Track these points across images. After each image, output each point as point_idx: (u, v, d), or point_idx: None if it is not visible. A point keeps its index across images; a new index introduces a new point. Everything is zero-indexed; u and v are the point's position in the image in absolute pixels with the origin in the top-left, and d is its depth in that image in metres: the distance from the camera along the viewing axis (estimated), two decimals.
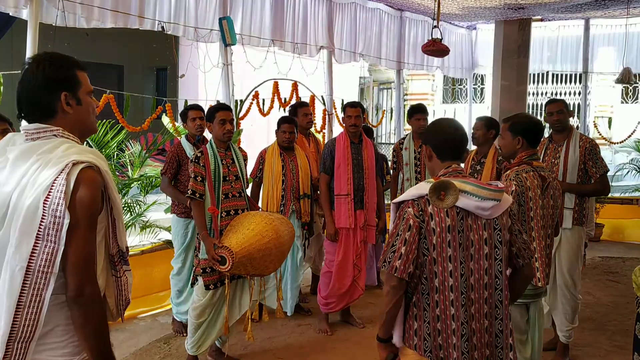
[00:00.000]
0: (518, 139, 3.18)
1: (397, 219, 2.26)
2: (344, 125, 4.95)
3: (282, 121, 5.04)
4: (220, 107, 3.95)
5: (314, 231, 5.37)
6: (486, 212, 2.21)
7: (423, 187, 2.23)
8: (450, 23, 9.79)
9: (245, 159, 4.10)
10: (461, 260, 2.21)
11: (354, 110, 4.76)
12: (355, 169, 4.75)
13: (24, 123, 1.85)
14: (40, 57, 1.84)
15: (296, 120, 5.20)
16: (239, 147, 4.18)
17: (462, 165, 2.49)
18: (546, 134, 4.41)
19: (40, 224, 1.67)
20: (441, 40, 6.72)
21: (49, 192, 1.67)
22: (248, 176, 4.28)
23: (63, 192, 1.67)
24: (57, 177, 1.67)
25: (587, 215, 4.28)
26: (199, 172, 3.77)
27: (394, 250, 2.21)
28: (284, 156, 5.00)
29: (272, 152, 5.01)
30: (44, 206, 1.67)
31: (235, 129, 5.97)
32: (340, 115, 7.63)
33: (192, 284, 4.01)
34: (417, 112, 5.59)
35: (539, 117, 14.38)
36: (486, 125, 4.47)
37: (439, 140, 2.38)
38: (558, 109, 4.29)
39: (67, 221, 1.67)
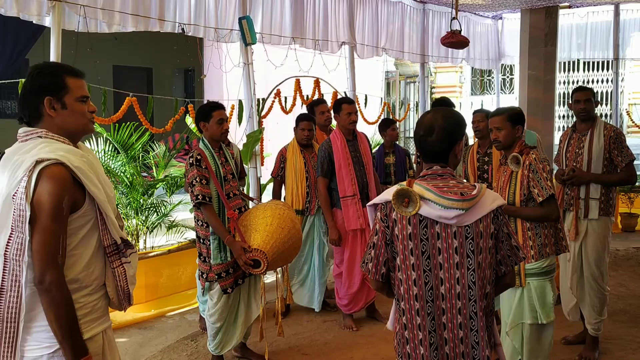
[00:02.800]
0: (518, 127, 3.30)
1: (375, 221, 2.26)
2: (340, 123, 4.76)
3: (300, 119, 5.06)
4: (216, 106, 3.82)
5: None
6: (450, 220, 2.09)
7: (388, 192, 2.17)
8: (475, 14, 9.65)
9: (235, 157, 4.06)
10: (424, 269, 2.12)
11: (352, 107, 4.71)
12: (357, 167, 4.69)
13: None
14: (32, 68, 2.03)
15: (314, 117, 5.21)
16: (227, 144, 4.15)
17: (459, 165, 2.42)
18: (563, 124, 4.34)
19: (13, 217, 1.86)
20: (460, 31, 6.62)
21: (18, 188, 1.85)
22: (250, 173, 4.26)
23: (24, 187, 1.84)
24: (24, 175, 1.85)
25: (613, 206, 4.18)
26: (203, 175, 3.63)
27: (368, 253, 2.23)
28: (305, 153, 5.02)
29: (292, 150, 5.04)
30: (12, 200, 1.86)
31: (257, 127, 6.02)
32: (364, 109, 7.64)
33: (204, 291, 3.94)
34: (442, 105, 5.52)
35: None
36: (487, 117, 4.43)
37: (415, 140, 2.29)
38: (586, 97, 4.17)
39: (27, 214, 1.84)
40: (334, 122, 5.19)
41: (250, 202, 4.23)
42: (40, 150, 1.89)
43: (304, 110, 6.19)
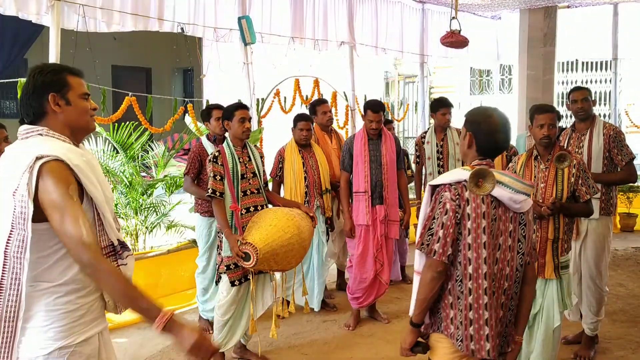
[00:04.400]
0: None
1: (433, 203, 2.29)
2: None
3: (298, 119, 5.06)
4: (239, 106, 3.99)
5: (336, 226, 5.39)
6: (517, 204, 2.25)
7: (459, 173, 2.26)
8: (473, 14, 9.65)
9: (262, 157, 4.13)
10: (492, 248, 2.24)
11: (376, 116, 4.71)
12: (373, 165, 4.72)
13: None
14: (33, 68, 2.03)
15: (313, 118, 5.20)
16: (255, 146, 4.21)
17: None
18: (562, 124, 4.35)
19: (13, 214, 1.84)
20: (460, 31, 6.62)
21: (18, 185, 1.83)
22: (267, 175, 4.30)
23: (26, 184, 1.82)
24: (25, 171, 1.83)
25: (614, 205, 4.19)
26: (217, 171, 3.80)
27: (432, 234, 2.24)
28: (303, 153, 5.03)
29: (291, 150, 5.04)
30: (13, 198, 1.83)
31: (257, 127, 6.02)
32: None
33: (217, 282, 4.04)
34: (443, 106, 5.51)
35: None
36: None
37: (485, 137, 2.34)
38: (583, 97, 4.17)
39: (30, 211, 1.82)
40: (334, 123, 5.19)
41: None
42: (40, 147, 1.89)
43: (304, 110, 6.20)
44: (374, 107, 4.76)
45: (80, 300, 1.96)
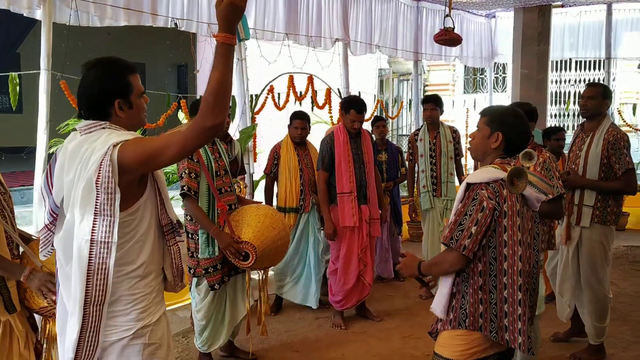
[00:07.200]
0: (531, 124, 3.38)
1: (466, 200, 2.33)
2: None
3: (294, 117, 5.03)
4: None
5: None
6: (538, 203, 2.38)
7: (493, 172, 2.32)
8: (468, 12, 9.65)
9: (240, 153, 4.04)
10: (527, 246, 2.34)
11: (360, 117, 4.63)
12: (357, 164, 4.66)
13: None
14: (97, 68, 2.07)
15: (308, 116, 5.18)
16: (227, 141, 4.14)
17: None
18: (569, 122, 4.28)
19: (96, 201, 1.89)
20: (453, 29, 6.63)
21: (99, 173, 1.88)
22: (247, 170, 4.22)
23: (110, 171, 1.89)
24: (102, 160, 1.89)
25: (614, 214, 3.93)
26: (193, 168, 3.60)
27: (463, 229, 2.28)
28: (299, 151, 5.00)
29: (286, 148, 5.01)
30: (96, 186, 1.89)
31: (250, 124, 6.00)
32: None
33: (195, 285, 3.87)
34: (426, 102, 5.57)
35: (562, 106, 14.08)
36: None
37: (518, 136, 2.43)
38: (589, 94, 3.93)
39: (118, 195, 1.90)
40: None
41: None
42: (110, 137, 1.95)
43: (297, 107, 6.18)
44: (359, 108, 4.64)
45: (152, 282, 2.10)
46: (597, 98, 3.92)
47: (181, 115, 6.14)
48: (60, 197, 2.01)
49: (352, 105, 4.68)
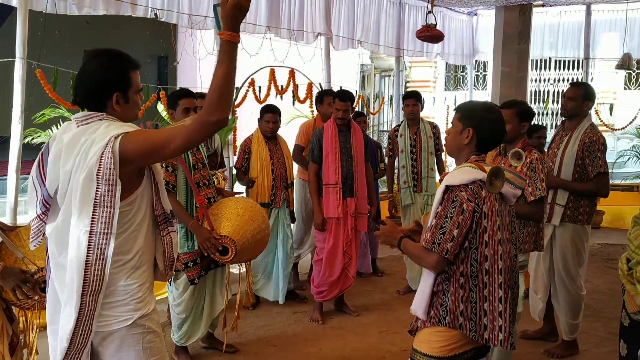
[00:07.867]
0: (524, 124, 3.40)
1: (446, 202, 2.30)
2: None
3: (265, 110, 4.96)
4: (183, 94, 3.73)
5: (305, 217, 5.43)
6: (514, 199, 2.40)
7: (471, 172, 2.30)
8: (450, 9, 9.70)
9: (222, 147, 4.01)
10: (507, 244, 2.34)
11: (344, 105, 4.64)
12: (344, 157, 4.67)
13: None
14: (100, 58, 2.08)
15: (318, 106, 5.19)
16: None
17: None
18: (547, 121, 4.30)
19: (96, 193, 1.91)
20: (435, 25, 6.66)
21: (100, 164, 1.90)
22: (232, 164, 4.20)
23: (112, 163, 1.91)
24: (103, 151, 1.91)
25: (586, 213, 4.00)
26: (170, 162, 3.54)
27: (444, 232, 2.26)
28: (270, 145, 4.95)
29: (257, 141, 4.94)
30: (97, 177, 1.91)
31: (231, 117, 5.96)
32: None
33: (172, 280, 3.80)
34: (406, 97, 5.60)
35: (540, 105, 14.23)
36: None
37: (489, 132, 2.40)
38: (570, 95, 3.95)
39: (119, 187, 1.93)
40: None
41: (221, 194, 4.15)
42: (108, 129, 1.97)
43: (279, 101, 6.16)
44: (341, 96, 4.68)
45: (145, 273, 2.13)
46: (577, 100, 3.94)
47: (160, 107, 6.07)
48: (54, 187, 2.01)
49: (335, 94, 4.79)
